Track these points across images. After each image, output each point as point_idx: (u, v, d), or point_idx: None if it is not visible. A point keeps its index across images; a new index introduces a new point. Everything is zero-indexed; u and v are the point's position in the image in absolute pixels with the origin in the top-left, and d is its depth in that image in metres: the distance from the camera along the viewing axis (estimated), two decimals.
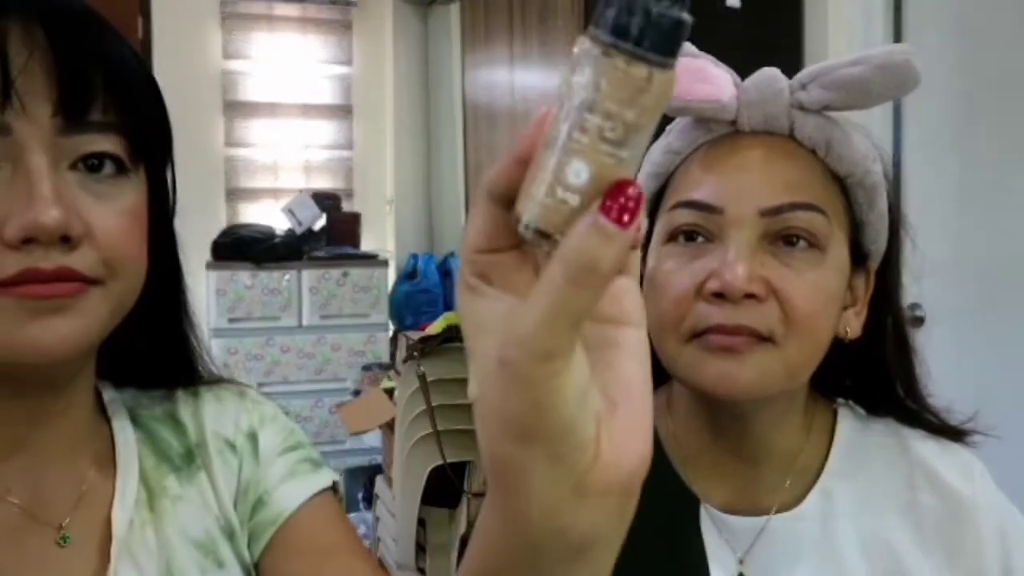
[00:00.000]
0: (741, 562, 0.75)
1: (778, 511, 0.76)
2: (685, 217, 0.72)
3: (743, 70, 0.79)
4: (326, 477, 0.72)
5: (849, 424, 0.81)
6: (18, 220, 0.52)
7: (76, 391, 0.63)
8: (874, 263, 0.78)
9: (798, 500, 0.77)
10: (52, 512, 0.62)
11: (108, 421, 0.68)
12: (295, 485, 0.70)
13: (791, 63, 2.87)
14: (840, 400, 0.83)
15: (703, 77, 0.74)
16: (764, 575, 0.75)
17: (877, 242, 0.77)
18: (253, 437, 0.71)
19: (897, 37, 2.27)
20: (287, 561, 0.68)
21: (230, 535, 0.68)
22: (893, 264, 0.80)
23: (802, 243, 0.70)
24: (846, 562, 0.75)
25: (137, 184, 0.59)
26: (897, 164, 2.28)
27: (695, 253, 0.71)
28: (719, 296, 0.68)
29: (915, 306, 2.29)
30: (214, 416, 0.71)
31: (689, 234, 0.72)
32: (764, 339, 0.69)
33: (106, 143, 0.56)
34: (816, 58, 2.44)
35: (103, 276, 0.56)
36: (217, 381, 0.75)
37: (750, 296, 0.68)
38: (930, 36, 2.21)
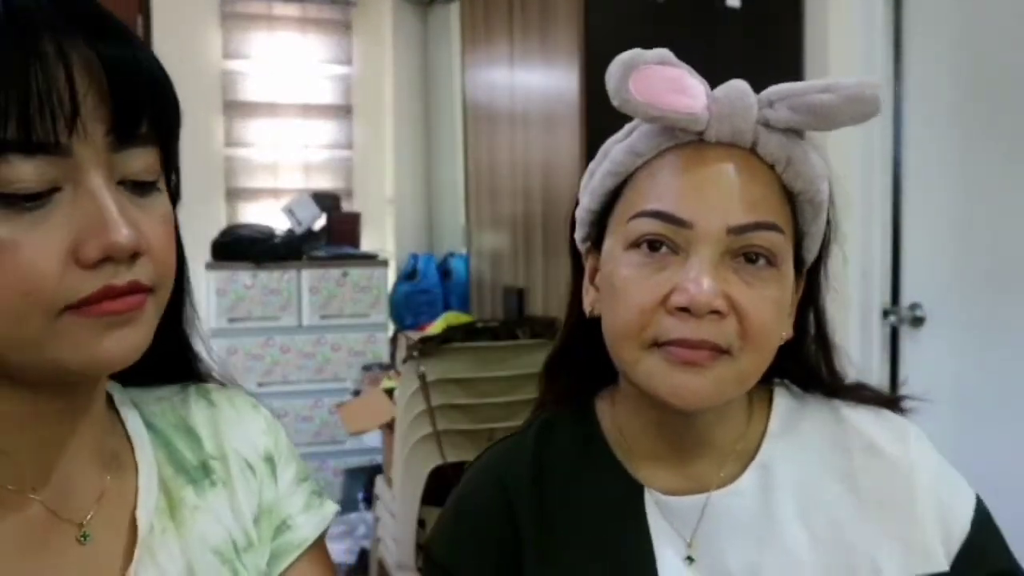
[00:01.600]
0: (689, 545, 0.77)
1: (718, 489, 0.79)
2: (651, 227, 0.73)
3: (743, 71, 0.79)
4: (330, 507, 0.79)
5: (785, 402, 0.84)
6: (96, 242, 0.54)
7: (98, 388, 0.65)
8: (806, 268, 0.81)
9: (737, 477, 0.79)
10: (74, 509, 0.63)
11: (120, 420, 0.70)
12: (312, 516, 0.76)
13: (791, 63, 2.86)
14: (776, 380, 0.86)
15: (681, 88, 0.74)
16: (711, 553, 0.77)
17: (812, 251, 0.80)
18: (271, 462, 0.75)
19: (897, 37, 2.27)
20: None
21: (247, 548, 0.70)
22: (820, 268, 0.82)
23: (761, 260, 0.73)
24: (786, 532, 0.77)
25: (165, 191, 0.62)
26: (897, 164, 2.29)
27: (659, 264, 0.72)
28: (683, 310, 0.70)
29: (915, 306, 2.29)
30: (233, 431, 0.74)
31: (653, 243, 0.73)
32: (722, 352, 0.71)
33: (148, 157, 0.59)
34: (816, 59, 2.45)
35: (156, 285, 0.59)
36: (224, 384, 0.77)
37: (713, 312, 0.70)
38: (930, 36, 2.21)
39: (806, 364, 0.84)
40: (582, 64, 2.42)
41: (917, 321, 2.25)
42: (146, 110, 0.57)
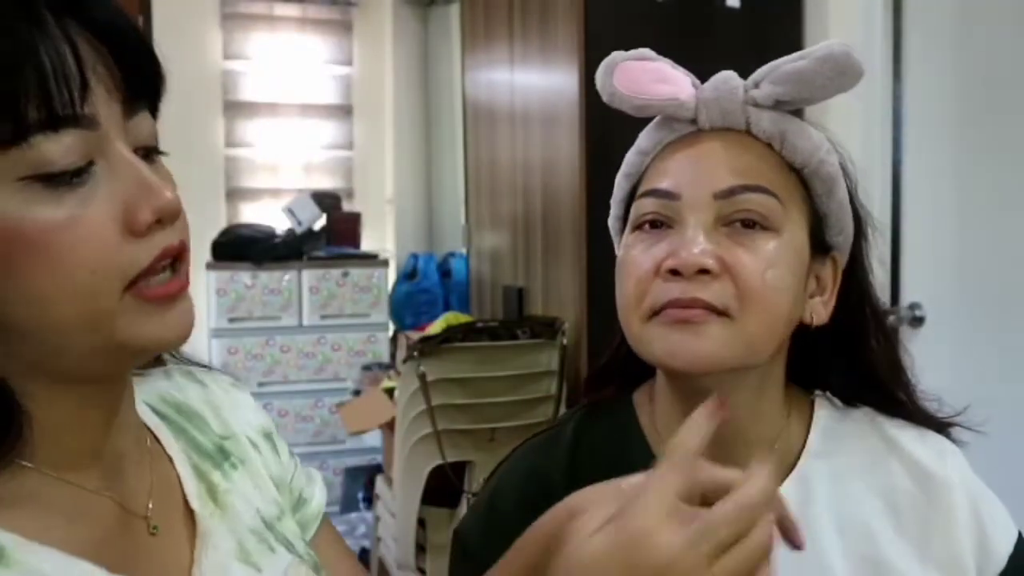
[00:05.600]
0: None
1: None
2: (648, 206, 0.77)
3: (743, 71, 0.80)
4: (316, 474, 0.82)
5: (827, 412, 0.84)
6: (147, 206, 0.54)
7: (129, 377, 0.66)
8: (841, 254, 0.81)
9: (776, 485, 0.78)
10: (137, 503, 0.64)
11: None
12: (314, 486, 0.80)
13: None
14: (817, 392, 0.85)
15: (662, 77, 0.79)
16: None
17: (843, 233, 0.80)
18: (269, 438, 0.77)
19: (897, 37, 2.27)
20: (330, 548, 0.79)
21: (279, 517, 0.73)
22: (861, 257, 0.83)
23: (756, 224, 0.74)
24: (823, 546, 0.77)
25: None
26: (897, 164, 2.29)
27: (657, 238, 0.75)
28: (675, 273, 0.72)
29: (915, 306, 2.29)
30: (232, 410, 0.75)
31: (653, 222, 0.76)
32: (720, 313, 0.72)
33: (151, 122, 0.59)
34: None
35: (186, 247, 0.59)
36: (202, 364, 0.77)
37: (704, 272, 0.71)
38: (929, 36, 2.21)
39: (864, 361, 0.82)
40: (582, 64, 2.42)
41: (917, 321, 2.25)
42: (147, 75, 0.58)
